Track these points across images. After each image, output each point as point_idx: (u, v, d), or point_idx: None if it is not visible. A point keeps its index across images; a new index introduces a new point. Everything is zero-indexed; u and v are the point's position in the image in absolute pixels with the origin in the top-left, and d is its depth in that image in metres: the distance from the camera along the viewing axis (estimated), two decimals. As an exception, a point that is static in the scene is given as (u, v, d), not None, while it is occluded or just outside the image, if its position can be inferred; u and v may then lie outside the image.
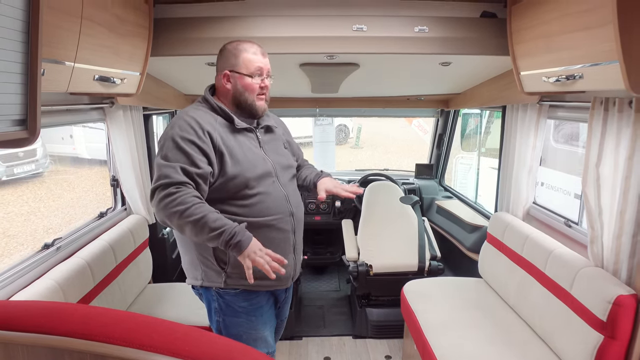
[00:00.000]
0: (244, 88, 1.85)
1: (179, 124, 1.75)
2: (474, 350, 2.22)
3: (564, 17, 1.77)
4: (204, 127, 1.75)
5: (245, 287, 1.83)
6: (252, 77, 1.84)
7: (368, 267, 3.26)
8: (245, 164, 1.79)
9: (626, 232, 1.88)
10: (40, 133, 1.15)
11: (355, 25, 2.23)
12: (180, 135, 1.71)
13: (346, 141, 13.94)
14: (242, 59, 1.82)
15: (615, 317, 1.78)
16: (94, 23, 1.72)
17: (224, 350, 0.79)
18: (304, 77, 3.02)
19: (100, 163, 8.71)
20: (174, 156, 1.69)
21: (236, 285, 1.84)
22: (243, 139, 1.86)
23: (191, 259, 1.89)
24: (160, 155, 1.72)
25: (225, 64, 1.86)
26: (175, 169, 1.66)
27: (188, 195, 1.63)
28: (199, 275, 1.87)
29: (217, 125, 1.80)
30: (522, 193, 2.82)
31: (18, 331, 0.81)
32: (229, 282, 1.84)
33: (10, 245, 5.85)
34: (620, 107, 1.84)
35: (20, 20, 1.04)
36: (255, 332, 1.92)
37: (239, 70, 1.83)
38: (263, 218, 1.82)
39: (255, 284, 1.76)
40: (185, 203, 1.61)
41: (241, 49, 1.83)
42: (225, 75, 1.85)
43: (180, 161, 1.68)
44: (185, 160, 1.68)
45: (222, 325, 1.91)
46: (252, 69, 1.83)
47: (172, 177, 1.65)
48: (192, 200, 1.63)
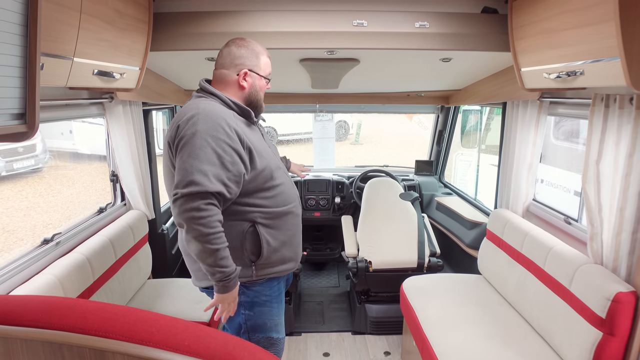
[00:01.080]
0: (260, 88, 1.93)
1: (203, 119, 1.68)
2: (473, 347, 2.23)
3: (565, 13, 1.77)
4: (229, 123, 1.73)
5: (271, 274, 1.92)
6: (268, 80, 1.96)
7: (367, 263, 3.27)
8: (267, 157, 1.86)
9: (626, 229, 1.88)
10: (39, 127, 1.15)
11: (356, 20, 2.22)
12: (210, 134, 1.66)
13: (346, 137, 13.92)
14: (262, 61, 1.92)
15: (614, 314, 1.78)
16: (93, 17, 1.71)
17: (222, 345, 0.79)
18: (304, 73, 3.01)
19: (100, 158, 8.71)
20: (206, 158, 1.64)
21: (264, 275, 1.90)
22: (254, 132, 1.90)
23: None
24: (188, 154, 1.65)
25: (244, 62, 1.88)
26: (207, 176, 1.63)
27: (214, 218, 1.64)
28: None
29: (236, 120, 1.80)
30: (522, 190, 2.82)
31: (17, 325, 0.81)
32: (258, 274, 1.88)
33: (9, 240, 5.84)
34: (621, 103, 1.84)
35: (19, 14, 1.03)
36: (277, 318, 2.02)
37: (259, 71, 1.91)
38: (287, 206, 1.92)
39: (280, 270, 1.94)
40: (210, 227, 1.62)
41: (259, 51, 1.91)
42: (244, 72, 1.88)
43: (212, 164, 1.64)
44: (216, 163, 1.65)
45: (247, 318, 1.94)
46: (268, 72, 1.96)
47: (203, 185, 1.61)
48: (216, 226, 1.64)
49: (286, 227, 1.93)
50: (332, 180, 4.43)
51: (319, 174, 4.60)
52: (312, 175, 4.52)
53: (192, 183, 1.61)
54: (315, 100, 4.19)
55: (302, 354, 3.18)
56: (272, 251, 1.88)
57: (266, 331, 1.97)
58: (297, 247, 2.04)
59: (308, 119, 5.67)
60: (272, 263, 1.90)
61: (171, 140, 1.73)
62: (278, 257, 1.91)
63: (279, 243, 1.90)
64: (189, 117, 1.69)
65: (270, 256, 1.88)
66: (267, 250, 1.86)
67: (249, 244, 1.84)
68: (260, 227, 1.84)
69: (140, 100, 2.85)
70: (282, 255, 1.92)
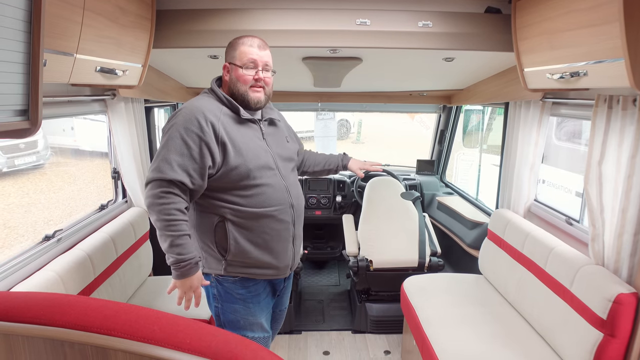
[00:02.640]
0: (236, 79, 1.88)
1: (183, 113, 1.77)
2: (473, 347, 2.23)
3: (569, 13, 1.76)
4: (207, 117, 1.76)
5: (244, 274, 1.91)
6: (242, 68, 1.86)
7: (368, 262, 3.27)
8: (248, 155, 1.83)
9: (627, 230, 1.88)
10: (41, 124, 1.15)
11: (359, 19, 2.22)
12: (184, 126, 1.73)
13: (347, 136, 13.92)
14: (238, 51, 1.87)
15: (615, 315, 1.78)
16: (96, 14, 1.71)
17: (223, 343, 0.79)
18: (307, 71, 3.01)
19: (101, 155, 8.72)
20: (174, 148, 1.72)
21: (235, 273, 1.90)
22: (246, 130, 1.89)
23: (195, 245, 1.92)
24: (163, 144, 1.75)
25: (226, 57, 1.91)
26: (171, 165, 1.70)
27: (171, 206, 1.70)
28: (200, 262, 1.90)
29: (221, 115, 1.82)
30: (523, 190, 2.81)
31: (19, 322, 0.81)
32: (228, 270, 1.88)
33: (10, 236, 5.85)
34: (624, 104, 1.83)
35: (22, 10, 1.03)
36: (252, 317, 1.98)
37: (234, 61, 1.87)
38: (264, 209, 1.86)
39: (254, 273, 1.92)
40: (167, 214, 1.69)
41: (240, 42, 1.87)
42: (225, 67, 1.91)
43: (180, 154, 1.71)
44: (184, 153, 1.72)
45: (220, 311, 1.96)
46: (244, 60, 1.86)
47: (165, 173, 1.69)
48: (173, 214, 1.70)
49: (261, 230, 1.87)
50: (334, 178, 4.43)
51: None
52: None
53: (156, 170, 1.71)
54: (318, 99, 4.18)
55: (302, 353, 3.18)
56: (241, 250, 1.86)
57: (239, 329, 1.97)
58: (281, 255, 1.95)
59: (310, 117, 5.66)
60: (244, 263, 1.88)
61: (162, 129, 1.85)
62: (252, 260, 1.88)
63: (251, 245, 1.87)
64: (177, 111, 1.80)
65: (240, 255, 1.87)
66: (235, 247, 1.85)
67: (218, 237, 1.87)
68: (228, 223, 1.85)
69: (142, 97, 2.85)
70: (256, 258, 1.88)
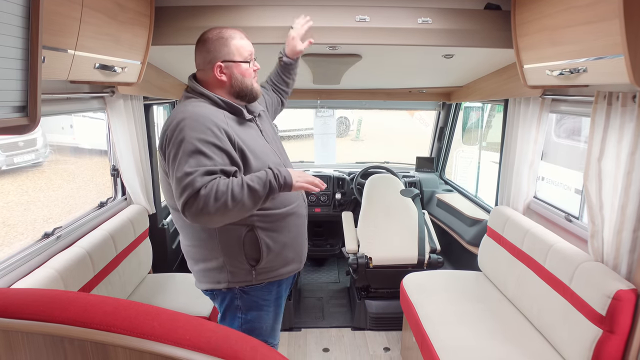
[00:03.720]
0: (242, 75, 1.79)
1: (189, 125, 1.60)
2: (472, 343, 2.23)
3: (569, 10, 1.76)
4: (219, 125, 1.64)
5: (273, 278, 1.86)
6: (248, 62, 1.80)
7: (368, 259, 3.27)
8: (263, 157, 1.77)
9: (627, 227, 1.88)
10: (40, 121, 1.15)
11: (358, 15, 2.21)
12: (197, 138, 1.58)
13: (347, 133, 13.91)
14: (233, 46, 1.76)
15: (614, 311, 1.78)
16: (95, 10, 1.70)
17: (223, 339, 0.79)
18: (306, 68, 3.00)
19: (100, 153, 8.70)
20: (195, 162, 1.56)
21: (264, 279, 1.83)
22: (250, 130, 1.81)
23: (214, 263, 1.81)
24: (179, 162, 1.58)
25: (215, 55, 1.76)
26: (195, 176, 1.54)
27: (214, 193, 1.53)
28: (223, 278, 1.81)
29: (227, 120, 1.71)
30: (522, 187, 2.81)
31: (18, 318, 0.81)
32: (258, 278, 1.82)
33: (10, 234, 5.85)
34: (623, 101, 1.83)
35: (21, 6, 1.03)
36: (275, 323, 1.99)
37: (234, 58, 1.77)
38: (287, 208, 1.83)
39: (282, 273, 1.88)
40: (225, 199, 1.53)
41: (228, 36, 1.77)
42: (218, 67, 1.76)
43: (202, 165, 1.56)
44: (207, 163, 1.57)
45: (244, 321, 1.89)
46: (246, 54, 1.79)
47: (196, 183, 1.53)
48: (224, 192, 1.54)
49: (288, 229, 1.85)
50: (333, 176, 4.43)
51: (320, 169, 4.59)
52: (312, 171, 4.51)
53: (185, 188, 1.54)
54: (317, 96, 4.18)
55: (302, 349, 3.19)
56: (273, 255, 1.81)
57: (262, 335, 1.94)
58: (301, 248, 1.96)
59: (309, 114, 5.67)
60: (273, 267, 1.84)
61: (161, 147, 1.69)
62: (280, 260, 1.85)
63: (280, 246, 1.83)
64: (177, 122, 1.62)
65: (271, 260, 1.81)
66: (267, 254, 1.79)
67: (247, 249, 1.77)
68: (259, 231, 1.76)
69: (141, 94, 2.84)
70: (284, 257, 1.86)
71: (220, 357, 0.74)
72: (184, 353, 0.75)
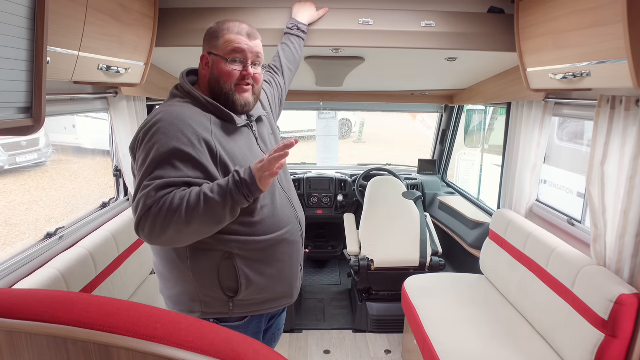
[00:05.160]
0: (219, 74, 1.51)
1: (164, 130, 1.36)
2: (474, 347, 2.23)
3: (573, 14, 1.76)
4: (199, 133, 1.40)
5: (254, 312, 1.58)
6: (227, 60, 1.50)
7: (369, 261, 3.27)
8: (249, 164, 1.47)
9: (630, 231, 1.87)
10: (45, 121, 1.15)
11: (362, 18, 2.22)
12: (169, 146, 1.35)
13: (349, 135, 13.90)
14: (223, 39, 1.51)
15: (616, 315, 1.78)
16: (99, 12, 1.71)
17: (226, 341, 0.79)
18: (309, 70, 3.01)
19: (103, 153, 8.72)
20: (159, 173, 1.33)
21: (244, 313, 1.56)
22: (240, 139, 1.55)
23: (185, 289, 1.52)
24: (140, 177, 1.36)
25: (205, 45, 1.56)
26: (149, 190, 1.31)
27: (172, 201, 1.30)
28: (196, 307, 1.52)
29: (212, 127, 1.46)
30: (525, 190, 2.81)
31: (21, 319, 0.81)
32: (235, 311, 1.53)
33: (12, 234, 5.86)
34: (627, 105, 1.83)
35: (26, 7, 1.03)
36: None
37: (217, 51, 1.51)
38: (275, 234, 1.54)
39: (267, 308, 1.59)
40: (176, 207, 1.29)
41: (226, 27, 1.52)
42: (203, 57, 1.55)
43: (163, 176, 1.33)
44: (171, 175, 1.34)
45: None
46: (228, 50, 1.50)
47: (148, 199, 1.31)
48: (178, 200, 1.30)
49: (275, 258, 1.54)
50: (335, 178, 4.43)
51: (322, 171, 4.60)
52: (315, 172, 4.52)
53: (137, 205, 1.33)
54: (319, 98, 4.18)
55: (303, 351, 3.18)
56: (255, 289, 1.52)
57: None
58: (293, 280, 1.65)
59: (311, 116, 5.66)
60: (256, 300, 1.54)
61: (132, 148, 1.46)
62: (266, 294, 1.56)
63: (265, 279, 1.53)
64: (152, 124, 1.40)
65: (252, 292, 1.52)
66: (247, 287, 1.50)
67: (223, 278, 1.48)
68: (237, 260, 1.47)
69: (144, 95, 2.85)
70: (270, 292, 1.56)
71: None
72: (187, 355, 0.75)
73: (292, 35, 2.12)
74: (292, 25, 2.13)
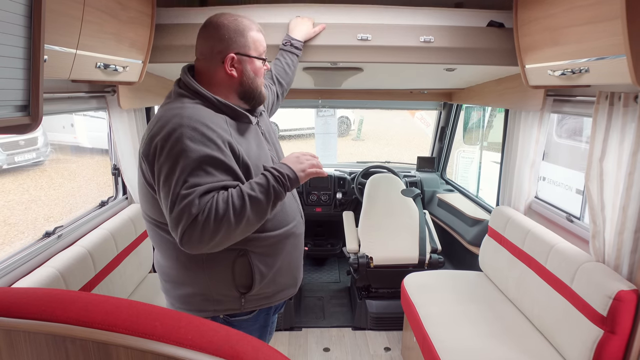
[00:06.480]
0: (255, 74, 1.54)
1: (188, 135, 1.34)
2: (473, 343, 2.23)
3: (571, 10, 1.76)
4: (223, 136, 1.40)
5: (264, 305, 1.62)
6: (263, 60, 1.57)
7: (368, 259, 3.27)
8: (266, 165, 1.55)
9: (628, 227, 1.88)
10: (42, 120, 1.15)
11: (360, 34, 2.18)
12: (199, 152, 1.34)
13: (348, 133, 13.90)
14: (250, 38, 1.52)
15: (615, 312, 1.78)
16: (96, 9, 1.70)
17: (225, 339, 0.79)
18: (307, 76, 3.00)
19: (101, 152, 8.71)
20: (194, 180, 1.32)
21: (254, 307, 1.60)
22: (251, 137, 1.57)
23: (197, 290, 1.55)
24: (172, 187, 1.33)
25: (229, 45, 1.50)
26: (192, 199, 1.30)
27: (217, 206, 1.32)
28: (208, 306, 1.55)
29: (229, 128, 1.46)
30: (524, 187, 2.81)
31: (20, 318, 0.81)
32: (246, 306, 1.57)
33: (10, 233, 5.86)
34: (625, 101, 1.83)
35: (23, 5, 1.03)
36: None
37: (249, 52, 1.51)
38: (285, 228, 1.60)
39: (275, 299, 1.65)
40: (223, 212, 1.31)
41: (245, 26, 1.52)
42: (231, 58, 1.50)
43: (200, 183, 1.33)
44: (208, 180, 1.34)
45: None
46: (262, 50, 1.56)
47: (192, 208, 1.30)
48: (223, 204, 1.32)
49: (285, 252, 1.60)
50: (334, 175, 4.43)
51: None
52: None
53: (182, 214, 1.31)
54: (318, 96, 4.17)
55: (303, 349, 3.19)
56: (266, 282, 1.57)
57: None
58: (297, 271, 1.73)
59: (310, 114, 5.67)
60: (265, 293, 1.59)
61: (147, 156, 1.42)
62: (273, 287, 1.61)
63: (274, 271, 1.58)
64: (172, 129, 1.36)
65: (264, 287, 1.57)
66: (260, 281, 1.54)
67: (237, 276, 1.52)
68: (252, 256, 1.51)
69: (142, 106, 2.84)
70: (278, 283, 1.61)
71: (222, 357, 0.74)
72: (186, 353, 0.75)
73: (284, 51, 2.11)
74: (285, 42, 2.12)
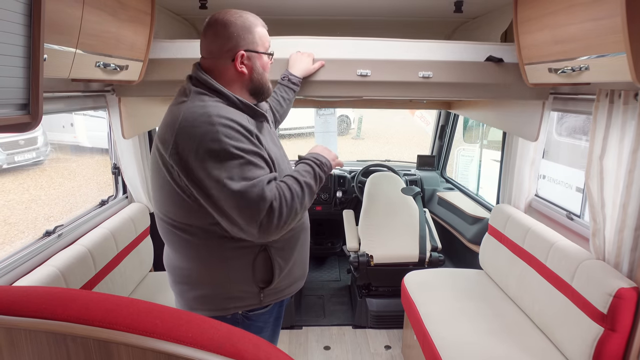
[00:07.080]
0: (263, 69, 1.57)
1: (225, 133, 1.36)
2: (473, 341, 2.23)
3: (571, 7, 1.75)
4: (252, 131, 1.43)
5: (279, 298, 1.67)
6: (270, 55, 1.59)
7: (369, 257, 3.27)
8: (282, 164, 1.60)
9: (628, 225, 1.88)
10: (42, 118, 1.15)
11: (360, 70, 2.19)
12: (240, 148, 1.37)
13: (347, 132, 13.91)
14: (257, 34, 1.53)
15: (615, 309, 1.79)
16: (95, 8, 1.70)
17: (226, 336, 0.79)
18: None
19: (101, 151, 8.71)
20: (250, 173, 1.36)
21: (271, 301, 1.64)
22: (267, 133, 1.61)
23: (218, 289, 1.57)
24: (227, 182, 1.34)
25: (238, 42, 1.50)
26: (262, 187, 1.35)
27: (284, 193, 1.41)
28: (229, 304, 1.58)
29: (250, 126, 1.47)
30: (524, 185, 2.81)
31: (21, 316, 0.81)
32: (265, 300, 1.61)
33: (11, 232, 5.86)
34: (625, 99, 1.83)
35: (22, 3, 1.03)
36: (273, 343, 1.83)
37: (257, 48, 1.53)
38: (300, 222, 1.67)
39: (289, 292, 1.70)
40: (290, 198, 1.41)
41: (252, 22, 1.52)
42: (241, 55, 1.50)
43: (259, 175, 1.38)
44: (263, 172, 1.40)
45: None
46: (267, 45, 1.58)
47: (266, 195, 1.35)
48: (287, 191, 1.42)
49: (299, 244, 1.67)
50: (334, 174, 4.43)
51: None
52: None
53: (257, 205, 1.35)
54: (317, 105, 4.16)
55: (303, 347, 3.19)
56: (283, 275, 1.62)
57: None
58: (306, 263, 1.79)
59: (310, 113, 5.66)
60: (281, 287, 1.64)
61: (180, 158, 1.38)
62: (289, 280, 1.66)
63: (290, 264, 1.64)
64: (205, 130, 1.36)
65: (281, 280, 1.62)
66: (279, 275, 1.59)
67: (258, 271, 1.55)
68: (272, 251, 1.55)
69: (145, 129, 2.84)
70: (292, 276, 1.67)
71: (223, 355, 0.74)
72: (187, 351, 0.75)
73: (282, 85, 2.11)
74: (283, 77, 2.12)
